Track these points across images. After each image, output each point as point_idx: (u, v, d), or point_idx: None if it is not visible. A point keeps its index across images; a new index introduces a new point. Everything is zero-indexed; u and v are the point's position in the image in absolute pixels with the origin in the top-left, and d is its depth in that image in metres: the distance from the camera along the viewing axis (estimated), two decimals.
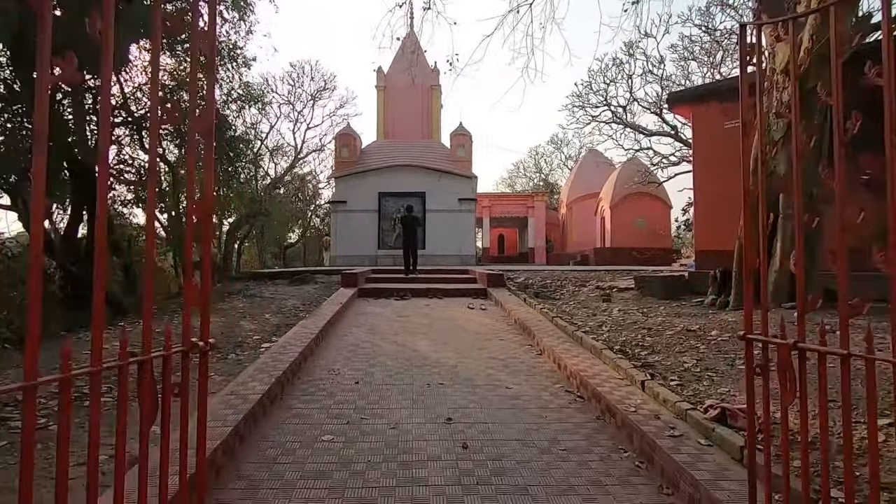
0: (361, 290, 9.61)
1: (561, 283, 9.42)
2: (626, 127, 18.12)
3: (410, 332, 6.44)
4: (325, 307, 7.45)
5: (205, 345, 1.73)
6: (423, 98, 22.10)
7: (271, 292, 10.77)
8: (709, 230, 7.60)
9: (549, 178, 42.46)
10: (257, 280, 14.38)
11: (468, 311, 7.99)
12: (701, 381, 3.72)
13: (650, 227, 23.24)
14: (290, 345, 5.10)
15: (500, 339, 6.13)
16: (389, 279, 11.37)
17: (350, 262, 19.65)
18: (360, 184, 19.97)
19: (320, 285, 11.72)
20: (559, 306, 7.37)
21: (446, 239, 19.81)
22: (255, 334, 6.54)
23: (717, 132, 7.60)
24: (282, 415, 3.63)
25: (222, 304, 9.47)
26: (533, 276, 11.32)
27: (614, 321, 5.94)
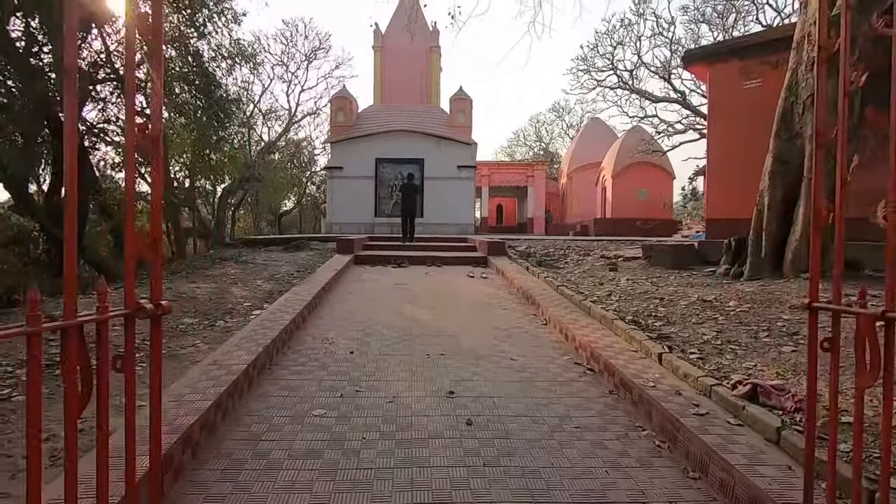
0: (357, 258, 9.28)
1: (564, 252, 9.11)
2: (632, 93, 17.49)
3: (409, 301, 6.15)
4: (319, 273, 7.14)
5: (155, 308, 1.39)
6: (422, 60, 21.28)
7: (264, 259, 10.44)
8: (721, 197, 7.25)
9: (549, 147, 41.69)
10: (251, 246, 14.03)
11: (468, 280, 7.70)
12: (723, 355, 3.44)
13: (652, 198, 22.84)
14: (281, 312, 4.80)
15: (503, 307, 5.85)
16: (387, 246, 11.04)
17: (346, 230, 19.28)
18: (356, 149, 19.40)
19: (315, 252, 11.40)
20: (563, 275, 7.08)
21: (444, 207, 19.40)
22: (246, 301, 6.25)
23: (735, 92, 7.15)
24: (270, 387, 3.35)
25: (213, 269, 9.14)
26: (534, 245, 11.01)
27: (623, 291, 5.65)
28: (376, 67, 21.35)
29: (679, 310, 4.57)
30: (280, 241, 13.25)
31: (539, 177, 29.13)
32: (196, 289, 6.87)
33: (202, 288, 6.97)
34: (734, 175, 7.10)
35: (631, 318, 4.44)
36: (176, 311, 5.58)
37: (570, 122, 40.67)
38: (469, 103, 19.72)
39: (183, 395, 2.70)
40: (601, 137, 29.00)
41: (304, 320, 4.99)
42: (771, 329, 3.79)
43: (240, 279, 7.89)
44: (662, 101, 16.84)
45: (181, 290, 6.74)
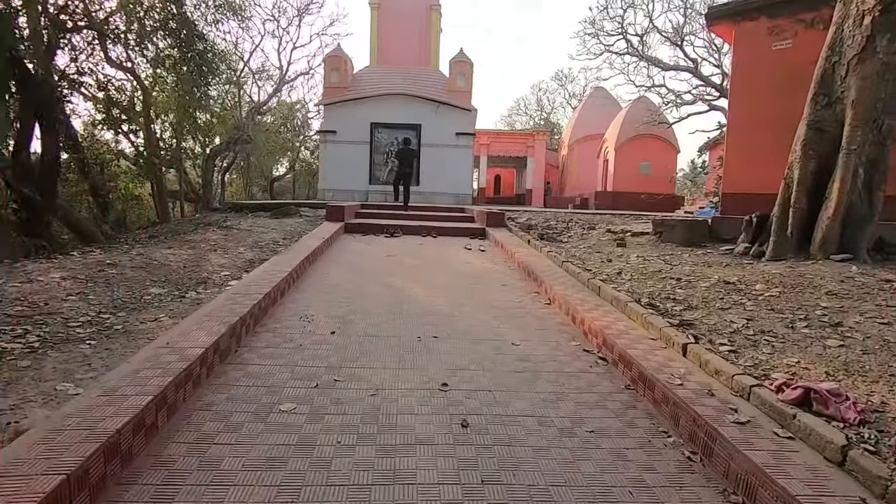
0: (348, 226, 8.75)
1: (567, 226, 8.61)
2: (641, 60, 16.63)
3: (400, 274, 5.67)
4: (304, 241, 6.62)
5: None
6: (421, 19, 20.18)
7: (250, 224, 9.88)
8: (741, 170, 6.71)
9: (550, 116, 40.63)
10: (238, 211, 13.43)
11: (465, 252, 7.21)
12: (758, 348, 2.99)
13: (655, 171, 22.21)
14: (257, 284, 4.30)
15: (502, 283, 5.38)
16: (380, 214, 10.49)
17: (339, 197, 18.62)
18: (350, 112, 18.54)
19: (304, 219, 10.83)
20: (567, 250, 6.59)
21: (441, 176, 18.73)
22: (224, 270, 5.75)
23: (762, 54, 6.52)
24: (233, 374, 2.88)
25: (194, 235, 8.60)
26: (535, 217, 10.48)
27: (634, 269, 5.18)
28: (373, 26, 20.25)
29: (700, 292, 4.11)
30: (269, 206, 12.65)
31: (539, 147, 28.32)
32: (171, 255, 6.35)
33: (178, 255, 6.45)
34: (757, 146, 6.54)
35: (647, 300, 3.98)
36: (144, 279, 5.09)
37: (573, 92, 39.54)
38: (470, 66, 18.79)
39: (118, 389, 2.22)
40: (605, 107, 28.11)
41: (283, 294, 4.50)
42: (809, 318, 3.33)
43: (220, 246, 7.37)
44: (673, 69, 16.04)
45: (154, 256, 6.22)
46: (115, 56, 13.16)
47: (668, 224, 6.65)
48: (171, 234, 9.45)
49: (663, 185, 22.48)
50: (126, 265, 5.56)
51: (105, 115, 13.65)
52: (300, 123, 30.01)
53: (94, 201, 14.56)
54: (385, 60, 20.31)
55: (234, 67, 20.35)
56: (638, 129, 21.21)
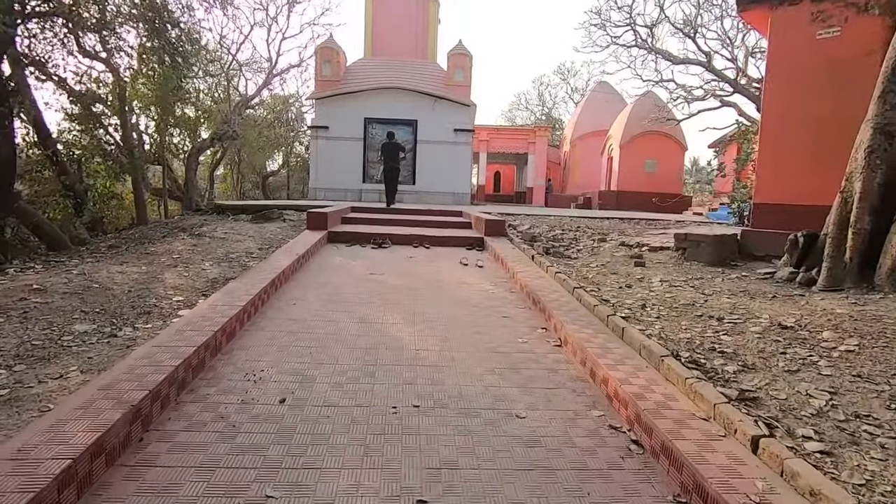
0: (331, 234, 7.89)
1: (575, 237, 7.75)
2: (650, 52, 15.70)
3: (383, 301, 4.82)
4: (274, 259, 5.76)
5: None
6: (419, 9, 19.21)
7: (226, 231, 9.02)
8: (776, 177, 5.85)
9: (552, 112, 39.66)
10: (220, 213, 12.56)
11: (461, 269, 6.36)
12: (861, 446, 2.15)
13: (661, 170, 21.33)
14: (197, 327, 3.45)
15: (503, 315, 4.53)
16: (368, 220, 9.62)
17: (332, 196, 17.76)
18: (343, 107, 17.63)
19: (287, 224, 9.98)
20: (577, 269, 5.74)
21: (439, 174, 17.86)
22: (178, 294, 4.91)
23: (804, 45, 5.65)
24: (123, 488, 2.03)
25: (160, 244, 7.75)
26: (538, 224, 9.63)
27: (660, 299, 4.34)
28: (367, 16, 19.27)
29: (751, 341, 3.26)
30: (251, 208, 11.79)
31: (541, 144, 27.41)
32: (119, 274, 5.50)
33: (128, 273, 5.60)
34: (796, 150, 5.69)
35: (686, 352, 3.14)
36: (73, 310, 4.24)
37: (576, 86, 38.56)
38: (469, 59, 17.87)
39: None
40: (609, 103, 27.21)
41: (232, 336, 3.65)
42: None
43: (184, 259, 6.52)
44: (684, 62, 15.11)
45: (98, 276, 5.37)
46: (90, 46, 12.26)
47: (692, 240, 5.80)
48: (136, 242, 8.59)
49: (670, 185, 21.63)
50: (58, 290, 4.71)
51: (78, 107, 12.73)
52: (294, 117, 29.06)
53: (68, 201, 13.70)
54: (380, 53, 19.36)
55: (218, 59, 19.40)
56: (644, 125, 20.33)
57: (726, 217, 10.78)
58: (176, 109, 15.88)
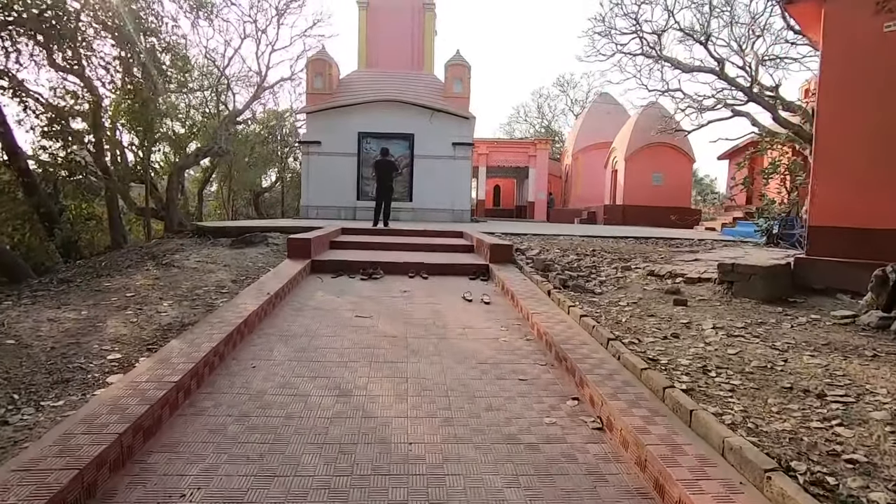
0: (316, 264, 6.93)
1: (593, 263, 6.80)
2: (658, 60, 14.92)
3: (369, 359, 3.85)
4: (239, 301, 4.78)
5: None
6: (415, 20, 18.52)
7: (200, 259, 8.07)
8: (840, 195, 4.94)
9: (552, 124, 39.02)
10: (201, 236, 11.62)
11: (464, 307, 5.39)
12: None
13: (668, 183, 20.50)
14: (98, 427, 2.46)
15: (521, 377, 3.57)
16: (359, 244, 8.68)
17: (324, 214, 16.85)
18: (336, 121, 16.81)
19: (270, 250, 9.03)
20: (605, 308, 4.78)
21: (437, 190, 16.98)
22: (116, 348, 3.97)
23: (868, 40, 4.78)
24: None
25: (117, 278, 6.79)
26: (548, 246, 8.69)
27: (723, 357, 3.38)
28: (361, 27, 18.57)
29: (883, 437, 2.29)
30: (233, 231, 10.85)
31: (542, 157, 26.64)
32: (49, 323, 4.54)
33: (61, 321, 4.63)
34: (863, 163, 4.78)
35: (798, 460, 2.17)
36: None
37: (575, 98, 37.96)
38: (467, 70, 17.11)
39: None
40: (611, 114, 26.52)
41: (149, 436, 2.66)
42: None
43: (140, 298, 5.56)
44: (695, 70, 14.32)
45: (21, 326, 4.41)
46: (66, 59, 11.42)
47: (741, 272, 4.85)
48: (95, 274, 7.62)
49: (678, 198, 20.82)
50: None
51: (45, 122, 11.85)
52: (288, 132, 28.28)
53: (42, 225, 12.77)
54: (374, 64, 18.62)
55: (208, 73, 18.63)
56: (651, 136, 19.53)
57: (752, 235, 9.85)
58: (159, 125, 15.04)
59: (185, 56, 12.73)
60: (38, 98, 12.76)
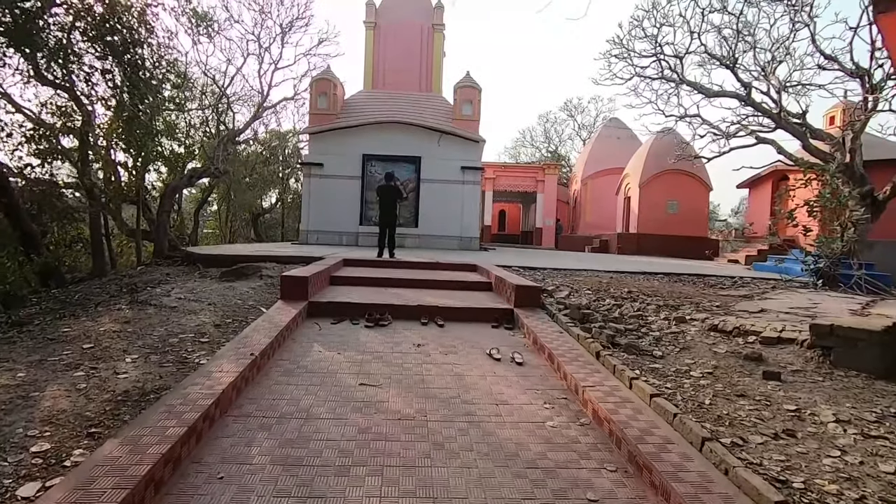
0: (313, 306, 5.97)
1: (638, 311, 5.82)
2: (679, 84, 14.23)
3: (379, 460, 2.86)
4: (216, 366, 3.78)
5: None
6: (423, 39, 17.96)
7: (184, 293, 7.12)
8: None
9: (559, 149, 38.50)
10: (189, 265, 10.69)
11: (493, 370, 4.42)
12: None
13: (685, 211, 19.66)
14: None
15: (588, 495, 2.58)
16: (363, 279, 7.73)
17: (325, 239, 15.96)
18: (340, 143, 16.07)
19: (265, 283, 8.09)
20: (675, 380, 3.80)
21: (444, 216, 16.12)
22: (48, 433, 3.05)
23: None
24: None
25: (82, 319, 5.82)
26: (573, 282, 7.74)
27: (874, 474, 2.41)
28: (368, 47, 17.99)
29: None
30: (225, 259, 9.91)
31: (550, 182, 25.91)
32: None
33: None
34: None
35: None
36: None
37: (583, 123, 37.50)
38: (478, 93, 16.45)
39: None
40: (621, 140, 25.90)
41: None
42: None
43: (100, 352, 4.59)
44: (720, 95, 13.61)
45: None
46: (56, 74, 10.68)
47: (842, 336, 3.89)
48: (61, 311, 6.66)
49: (694, 227, 19.96)
50: None
51: (29, 140, 11.06)
52: (290, 153, 27.64)
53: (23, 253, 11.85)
54: (381, 85, 17.98)
55: (209, 91, 17.99)
56: (666, 163, 18.76)
57: (798, 272, 8.91)
58: (153, 143, 14.26)
59: (183, 73, 12.02)
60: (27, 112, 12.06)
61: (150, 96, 9.57)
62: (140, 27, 8.70)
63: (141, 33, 8.71)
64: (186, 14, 12.01)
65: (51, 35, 9.37)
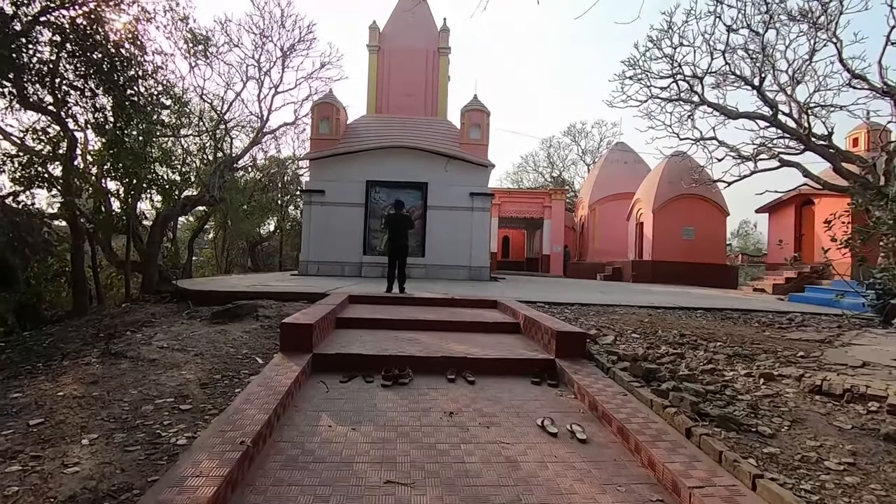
0: (318, 359, 5.01)
1: (708, 360, 4.88)
2: (698, 106, 13.60)
3: None
4: (190, 466, 2.81)
5: None
6: (429, 63, 17.46)
7: (167, 341, 6.16)
8: None
9: (563, 174, 38.00)
10: (177, 302, 9.74)
11: (551, 450, 3.45)
12: None
13: (700, 237, 18.87)
14: None
15: None
16: (372, 321, 6.78)
17: (326, 270, 15.04)
18: (343, 169, 15.33)
19: (261, 326, 7.13)
20: (810, 476, 2.86)
21: (452, 245, 15.27)
22: None
23: None
24: None
25: (40, 378, 4.85)
26: (614, 323, 6.81)
27: None
28: (371, 71, 17.47)
29: None
30: (218, 296, 8.96)
31: (558, 207, 25.21)
32: None
33: None
34: None
35: None
36: None
37: (587, 147, 37.09)
38: (486, 116, 15.83)
39: None
40: (629, 164, 25.35)
41: None
42: None
43: (49, 430, 3.63)
44: (745, 116, 12.98)
45: None
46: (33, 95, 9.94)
47: None
48: (21, 363, 5.70)
49: (712, 254, 19.14)
50: None
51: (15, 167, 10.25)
52: (290, 180, 26.96)
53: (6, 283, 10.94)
54: (385, 110, 17.38)
55: (208, 117, 17.35)
56: (680, 188, 18.05)
57: (857, 306, 8.01)
58: (146, 171, 13.48)
59: (178, 96, 11.33)
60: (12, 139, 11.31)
61: (140, 120, 8.78)
62: (129, 45, 7.98)
63: (130, 51, 7.98)
64: (184, 36, 11.37)
65: (35, 56, 8.69)
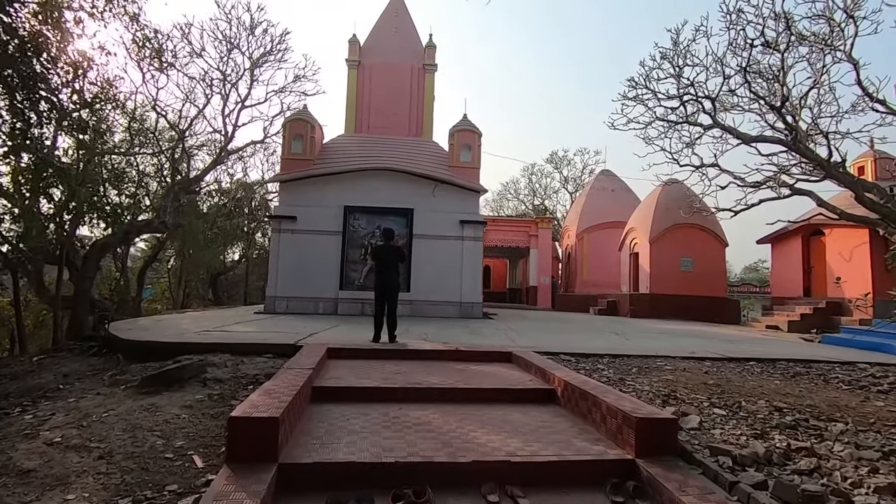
0: (286, 476, 3.24)
1: (855, 458, 3.38)
2: (708, 129, 12.65)
3: None
4: None
5: None
6: (413, 80, 16.17)
7: (64, 429, 4.25)
8: None
9: (545, 202, 37.14)
10: (107, 352, 7.74)
11: None
12: None
13: (700, 269, 17.84)
14: None
15: None
16: (359, 391, 5.03)
17: (296, 307, 13.14)
18: (317, 192, 13.66)
19: (207, 396, 5.25)
20: None
21: (441, 278, 13.66)
22: None
23: None
24: None
25: None
26: (683, 393, 5.27)
27: None
28: (350, 88, 16.04)
29: None
30: (159, 348, 7.03)
31: (545, 236, 24.03)
32: None
33: None
34: None
35: None
36: None
37: (569, 175, 36.45)
38: (477, 137, 14.53)
39: None
40: (616, 192, 24.53)
41: None
42: None
43: None
44: (760, 140, 12.04)
45: None
46: None
47: None
48: None
49: (712, 287, 18.09)
50: None
51: None
52: (257, 205, 25.01)
53: None
54: (365, 129, 15.90)
55: (164, 134, 15.47)
56: (678, 216, 17.04)
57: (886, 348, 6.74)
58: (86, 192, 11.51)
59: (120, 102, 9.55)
60: None
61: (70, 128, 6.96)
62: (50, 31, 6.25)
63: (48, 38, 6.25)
64: (136, 39, 9.65)
65: None
